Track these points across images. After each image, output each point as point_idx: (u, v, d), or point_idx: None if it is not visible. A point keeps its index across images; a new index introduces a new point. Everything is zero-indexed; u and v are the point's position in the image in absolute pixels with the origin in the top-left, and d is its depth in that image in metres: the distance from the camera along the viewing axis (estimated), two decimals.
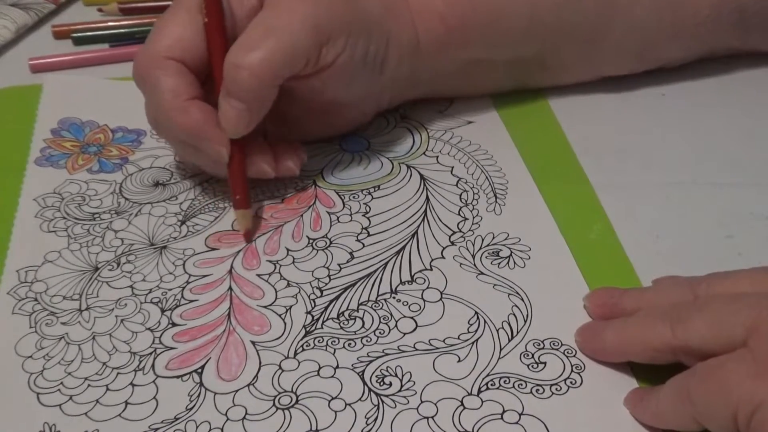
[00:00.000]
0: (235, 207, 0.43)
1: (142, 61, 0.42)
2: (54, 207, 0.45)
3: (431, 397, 0.35)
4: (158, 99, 0.41)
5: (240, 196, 0.42)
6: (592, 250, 0.42)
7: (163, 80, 0.41)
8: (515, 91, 0.52)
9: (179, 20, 0.42)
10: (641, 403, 0.34)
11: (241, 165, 0.42)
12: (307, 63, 0.41)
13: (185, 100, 0.41)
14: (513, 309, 0.39)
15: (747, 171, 0.47)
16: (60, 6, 0.63)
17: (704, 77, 0.55)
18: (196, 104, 0.41)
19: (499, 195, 0.45)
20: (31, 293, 0.40)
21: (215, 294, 0.40)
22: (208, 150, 0.41)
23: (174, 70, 0.41)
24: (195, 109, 0.41)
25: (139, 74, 0.42)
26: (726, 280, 0.35)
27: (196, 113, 0.41)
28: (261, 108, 0.41)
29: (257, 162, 0.43)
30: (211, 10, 0.41)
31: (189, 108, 0.41)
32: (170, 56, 0.41)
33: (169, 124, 0.41)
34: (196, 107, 0.41)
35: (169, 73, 0.41)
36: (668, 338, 0.33)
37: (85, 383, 0.36)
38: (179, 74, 0.41)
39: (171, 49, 0.41)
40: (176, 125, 0.41)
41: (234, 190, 0.43)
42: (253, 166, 0.43)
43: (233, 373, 0.36)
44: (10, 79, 0.55)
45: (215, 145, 0.41)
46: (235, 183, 0.43)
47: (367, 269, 0.41)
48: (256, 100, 0.41)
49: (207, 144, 0.41)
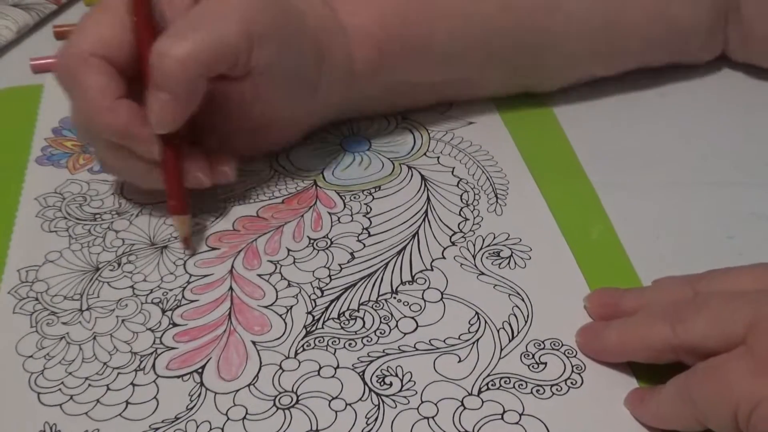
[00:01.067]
0: (169, 212, 0.42)
1: (66, 60, 0.40)
2: (55, 207, 0.45)
3: (432, 397, 0.35)
4: (85, 98, 0.40)
5: (175, 201, 0.41)
6: (592, 250, 0.42)
7: (89, 78, 0.39)
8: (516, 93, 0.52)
9: (105, 18, 0.40)
10: (642, 403, 0.34)
11: (175, 169, 0.41)
12: (236, 61, 0.40)
13: (113, 100, 0.39)
14: (513, 309, 0.39)
15: (747, 171, 0.47)
16: (61, 6, 0.64)
17: (704, 77, 0.55)
18: (124, 103, 0.40)
19: (499, 195, 0.45)
20: (32, 293, 0.40)
21: (216, 294, 0.40)
22: (138, 149, 0.40)
23: (100, 68, 0.39)
24: (123, 108, 0.39)
25: (63, 73, 0.40)
26: (726, 276, 0.35)
27: (125, 112, 0.39)
28: (187, 101, 0.40)
29: (192, 170, 0.42)
30: (139, 9, 0.40)
31: (117, 107, 0.39)
32: (96, 53, 0.39)
33: (97, 124, 0.40)
34: (124, 106, 0.40)
35: (95, 71, 0.39)
36: (669, 337, 0.33)
37: (86, 383, 0.36)
38: (105, 73, 0.40)
39: (96, 46, 0.40)
40: (105, 125, 0.40)
41: (169, 194, 0.41)
42: (187, 175, 0.42)
43: (234, 373, 0.36)
44: (11, 80, 0.55)
45: (146, 144, 0.40)
46: (171, 187, 0.41)
47: (367, 269, 0.41)
48: (182, 91, 0.39)
49: (137, 143, 0.40)
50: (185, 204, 0.42)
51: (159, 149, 0.40)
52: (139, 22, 0.40)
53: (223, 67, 0.40)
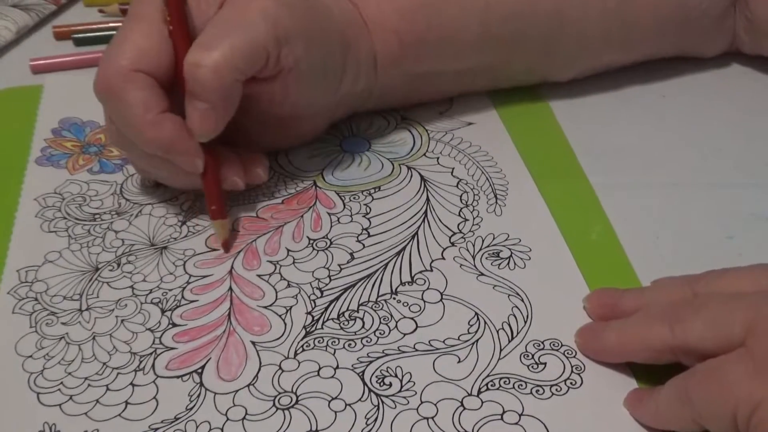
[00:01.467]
0: (211, 218, 0.42)
1: (107, 75, 0.40)
2: (54, 207, 0.45)
3: (431, 398, 0.35)
4: (127, 114, 0.39)
5: (216, 206, 0.42)
6: (592, 250, 0.42)
7: (132, 94, 0.39)
8: (515, 92, 0.52)
9: (142, 30, 0.40)
10: (641, 403, 0.34)
11: (216, 175, 0.42)
12: (267, 61, 0.40)
13: (157, 114, 0.39)
14: (513, 310, 0.39)
15: (747, 171, 0.47)
16: (61, 7, 0.64)
17: (704, 77, 0.55)
18: (168, 117, 0.40)
19: (499, 196, 0.45)
20: (32, 293, 0.40)
21: (215, 294, 0.40)
22: (182, 163, 0.41)
23: (143, 83, 0.39)
24: (168, 123, 0.40)
25: (104, 89, 0.40)
26: (725, 277, 0.35)
27: (169, 126, 0.40)
28: (226, 107, 0.40)
29: (228, 174, 0.42)
30: (176, 18, 0.40)
31: (162, 122, 0.39)
32: (137, 68, 0.39)
33: (141, 139, 0.40)
34: (168, 120, 0.40)
35: (138, 86, 0.39)
36: (667, 338, 0.33)
37: (86, 383, 0.36)
38: (148, 87, 0.40)
39: (137, 61, 0.39)
40: (149, 140, 0.40)
41: (209, 200, 0.42)
42: (225, 179, 0.42)
43: (233, 374, 0.36)
44: (11, 80, 0.55)
45: (191, 157, 0.40)
46: (211, 194, 0.42)
47: (367, 270, 0.41)
48: (219, 98, 0.39)
49: (182, 157, 0.40)
50: (225, 209, 0.42)
51: (202, 162, 0.41)
52: (175, 30, 0.40)
53: (255, 70, 0.40)
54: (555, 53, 0.50)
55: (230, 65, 0.39)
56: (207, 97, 0.39)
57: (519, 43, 0.49)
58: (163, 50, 0.40)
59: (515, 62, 0.50)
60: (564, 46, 0.50)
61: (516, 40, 0.48)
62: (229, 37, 0.39)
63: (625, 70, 0.54)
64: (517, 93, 0.52)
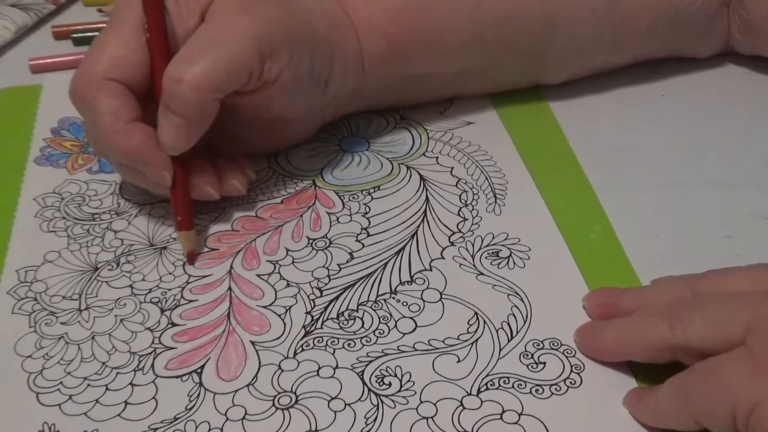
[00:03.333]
0: (176, 228, 0.42)
1: (81, 82, 0.40)
2: (54, 207, 0.45)
3: (431, 398, 0.35)
4: (97, 122, 0.39)
5: (181, 217, 0.41)
6: (591, 250, 0.42)
7: (102, 102, 0.39)
8: (515, 92, 0.52)
9: (119, 38, 0.40)
10: (640, 402, 0.34)
11: (184, 186, 0.41)
12: (249, 77, 0.40)
13: (126, 123, 0.39)
14: (512, 309, 0.39)
15: (747, 171, 0.47)
16: (60, 6, 0.64)
17: (704, 77, 0.55)
18: (137, 127, 0.40)
19: (498, 195, 0.45)
20: (31, 293, 0.40)
21: (215, 294, 0.40)
22: (149, 174, 0.40)
23: (114, 91, 0.39)
24: (136, 132, 0.39)
25: (77, 96, 0.40)
26: (725, 277, 0.35)
27: (137, 136, 0.39)
28: (201, 123, 0.40)
29: (200, 184, 0.42)
30: (154, 26, 0.40)
31: (130, 131, 0.39)
32: (110, 77, 0.39)
33: (110, 147, 0.40)
34: (137, 130, 0.39)
35: (109, 94, 0.39)
36: (667, 337, 0.33)
37: (85, 383, 0.36)
38: (120, 95, 0.39)
39: (111, 69, 0.39)
40: (117, 149, 0.40)
41: (176, 211, 0.41)
42: (196, 188, 0.42)
43: (233, 373, 0.36)
44: (10, 80, 0.55)
45: (157, 169, 0.40)
46: (177, 204, 0.41)
47: (366, 269, 0.41)
48: (196, 115, 0.39)
49: (149, 168, 0.40)
50: (191, 220, 0.42)
51: (170, 175, 0.40)
52: (152, 39, 0.40)
53: (237, 86, 0.40)
54: (547, 56, 0.50)
55: (211, 83, 0.39)
56: (184, 112, 0.39)
57: (510, 46, 0.49)
58: (139, 59, 0.40)
59: (506, 65, 0.50)
60: (556, 49, 0.50)
61: (507, 43, 0.48)
62: (211, 54, 0.39)
63: (625, 70, 0.54)
64: (516, 93, 0.52)
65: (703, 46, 0.54)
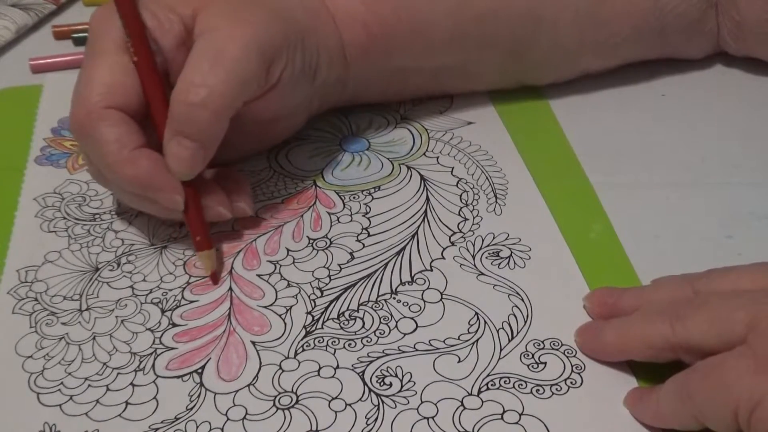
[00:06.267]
0: (196, 250, 0.40)
1: (79, 115, 0.38)
2: (54, 207, 0.45)
3: (431, 398, 0.35)
4: (102, 152, 0.38)
5: (200, 237, 0.40)
6: (592, 250, 0.42)
7: (105, 132, 0.38)
8: (515, 92, 0.52)
9: (104, 65, 0.39)
10: (641, 402, 0.34)
11: (197, 206, 0.40)
12: (257, 87, 0.40)
13: (131, 150, 0.38)
14: (513, 309, 0.39)
15: (747, 171, 0.47)
16: (60, 6, 0.64)
17: (704, 77, 0.55)
18: (143, 153, 0.38)
19: (499, 195, 0.45)
20: (32, 293, 0.40)
21: (215, 294, 0.40)
22: (161, 200, 0.39)
23: (115, 119, 0.38)
24: (143, 159, 0.38)
25: (77, 129, 0.39)
26: (726, 276, 0.35)
27: (145, 163, 0.38)
28: (215, 144, 0.39)
29: (212, 205, 0.40)
30: (139, 48, 0.38)
31: (137, 158, 0.38)
32: (108, 105, 0.38)
33: (117, 177, 0.38)
34: (144, 156, 0.38)
35: (110, 123, 0.38)
36: (668, 336, 0.33)
37: (86, 383, 0.36)
38: (121, 123, 0.38)
39: (107, 97, 0.38)
40: (125, 178, 0.38)
41: (193, 232, 0.40)
42: (208, 210, 0.40)
43: (233, 374, 0.36)
44: (10, 80, 0.55)
45: (170, 194, 0.39)
46: (193, 225, 0.40)
47: (367, 269, 0.41)
48: (212, 137, 0.39)
49: (160, 194, 0.39)
50: (210, 239, 0.41)
51: (182, 198, 0.39)
52: (141, 62, 0.39)
53: (248, 99, 0.40)
54: (529, 54, 0.50)
55: (225, 103, 0.38)
56: (200, 136, 0.38)
57: (492, 43, 0.48)
58: (130, 83, 0.39)
59: (489, 62, 0.50)
60: (539, 48, 0.50)
61: (489, 39, 0.48)
62: (221, 73, 0.38)
63: (624, 70, 0.53)
64: (517, 92, 0.52)
65: (693, 48, 0.54)
